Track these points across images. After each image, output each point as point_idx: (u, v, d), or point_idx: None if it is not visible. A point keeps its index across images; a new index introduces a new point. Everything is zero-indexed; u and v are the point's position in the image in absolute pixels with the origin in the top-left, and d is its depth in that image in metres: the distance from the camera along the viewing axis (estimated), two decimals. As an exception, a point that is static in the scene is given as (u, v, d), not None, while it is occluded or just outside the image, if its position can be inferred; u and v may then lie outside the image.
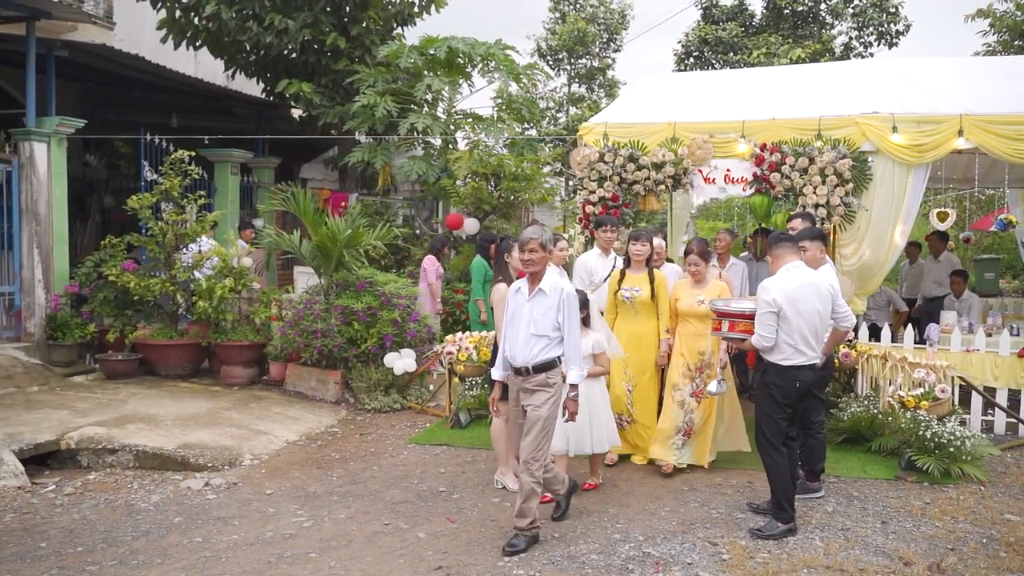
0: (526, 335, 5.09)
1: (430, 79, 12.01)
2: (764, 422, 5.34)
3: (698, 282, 6.51)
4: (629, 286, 6.66)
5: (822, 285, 5.33)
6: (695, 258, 6.50)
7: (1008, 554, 4.94)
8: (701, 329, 6.41)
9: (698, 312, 6.41)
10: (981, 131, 7.60)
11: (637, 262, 6.69)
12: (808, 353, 5.24)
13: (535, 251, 5.04)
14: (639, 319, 6.67)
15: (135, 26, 13.18)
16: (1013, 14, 17.20)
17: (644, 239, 6.65)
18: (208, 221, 9.88)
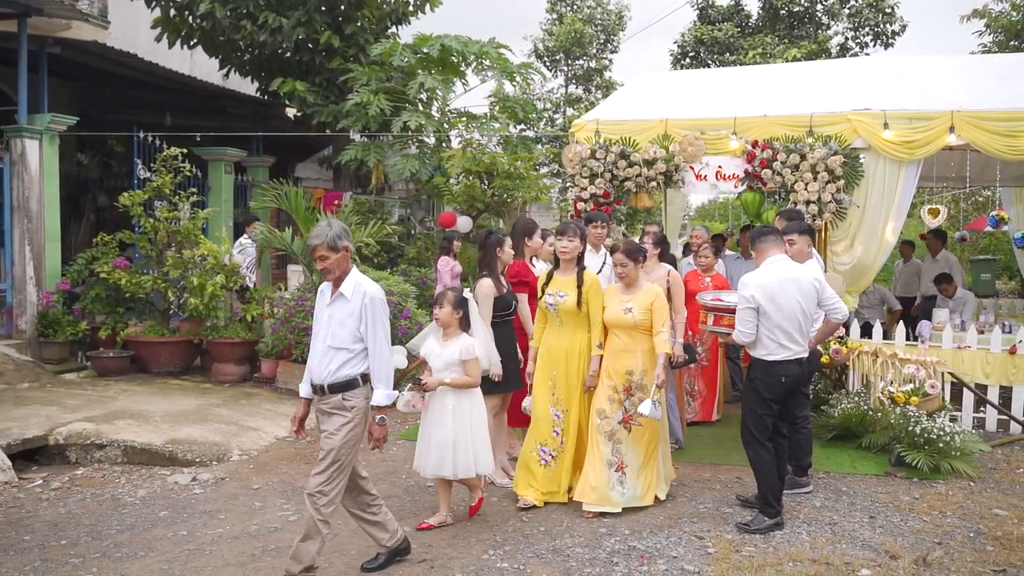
0: (323, 347, 4.33)
1: (423, 77, 12.00)
2: (750, 417, 5.34)
3: (628, 287, 5.60)
4: (554, 290, 5.67)
5: (804, 279, 5.27)
6: (622, 258, 5.55)
7: (995, 548, 4.92)
8: (630, 344, 5.51)
9: (625, 323, 5.50)
10: (973, 127, 7.60)
11: (566, 262, 5.69)
12: (792, 348, 5.20)
13: (324, 257, 4.25)
14: (564, 330, 5.67)
15: (131, 25, 13.16)
16: (1008, 14, 17.22)
17: (572, 233, 5.66)
18: (200, 219, 9.87)
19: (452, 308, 5.18)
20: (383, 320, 4.36)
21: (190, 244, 9.60)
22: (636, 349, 5.50)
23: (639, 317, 5.43)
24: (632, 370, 5.49)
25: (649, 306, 5.46)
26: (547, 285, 5.73)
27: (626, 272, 5.55)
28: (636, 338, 5.48)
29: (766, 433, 5.29)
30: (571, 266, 5.68)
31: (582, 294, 5.57)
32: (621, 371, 5.51)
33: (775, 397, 5.27)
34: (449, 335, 5.21)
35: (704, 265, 7.95)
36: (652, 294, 5.54)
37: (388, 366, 4.34)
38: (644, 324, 5.44)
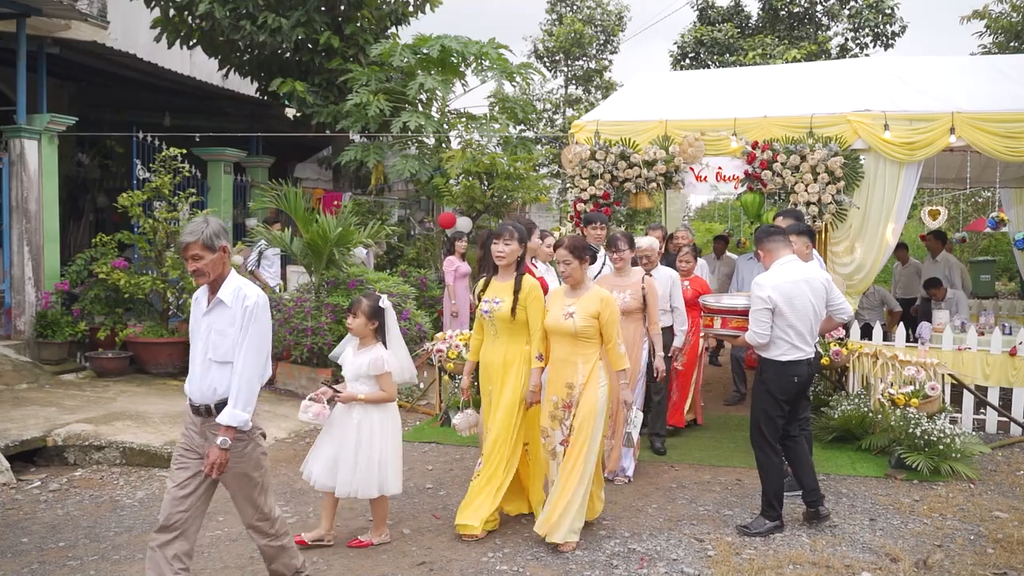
0: (203, 362, 3.83)
1: (423, 78, 11.99)
2: (762, 420, 5.27)
3: (573, 289, 5.07)
4: (490, 297, 5.17)
5: (816, 280, 5.24)
6: (564, 254, 5.02)
7: (995, 550, 4.91)
8: (571, 354, 4.97)
9: (564, 330, 4.94)
10: (973, 129, 7.60)
11: (504, 267, 5.17)
12: (804, 348, 5.17)
13: (198, 256, 3.74)
14: (499, 341, 5.15)
15: (130, 25, 13.16)
16: (1008, 15, 17.21)
17: (508, 236, 5.10)
18: (199, 219, 9.85)
19: (366, 319, 4.86)
20: (261, 330, 3.83)
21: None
22: (577, 359, 4.97)
23: (581, 324, 4.91)
24: (572, 383, 4.96)
25: (595, 313, 4.92)
26: (484, 292, 5.27)
27: (569, 271, 5.02)
28: (578, 347, 4.96)
29: (776, 435, 5.24)
30: (509, 271, 5.17)
31: (518, 300, 5.04)
32: (561, 384, 4.99)
33: (787, 397, 5.21)
34: (363, 345, 4.92)
35: (684, 269, 7.71)
36: (598, 301, 4.95)
37: (251, 384, 3.77)
38: (587, 332, 4.92)
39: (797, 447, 5.37)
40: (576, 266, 5.01)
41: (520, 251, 5.14)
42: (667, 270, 6.93)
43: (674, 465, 6.70)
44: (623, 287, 6.13)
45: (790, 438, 5.37)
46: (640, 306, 6.12)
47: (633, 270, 6.28)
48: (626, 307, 5.98)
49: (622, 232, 6.42)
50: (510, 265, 5.15)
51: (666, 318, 6.75)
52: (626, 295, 6.08)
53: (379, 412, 4.89)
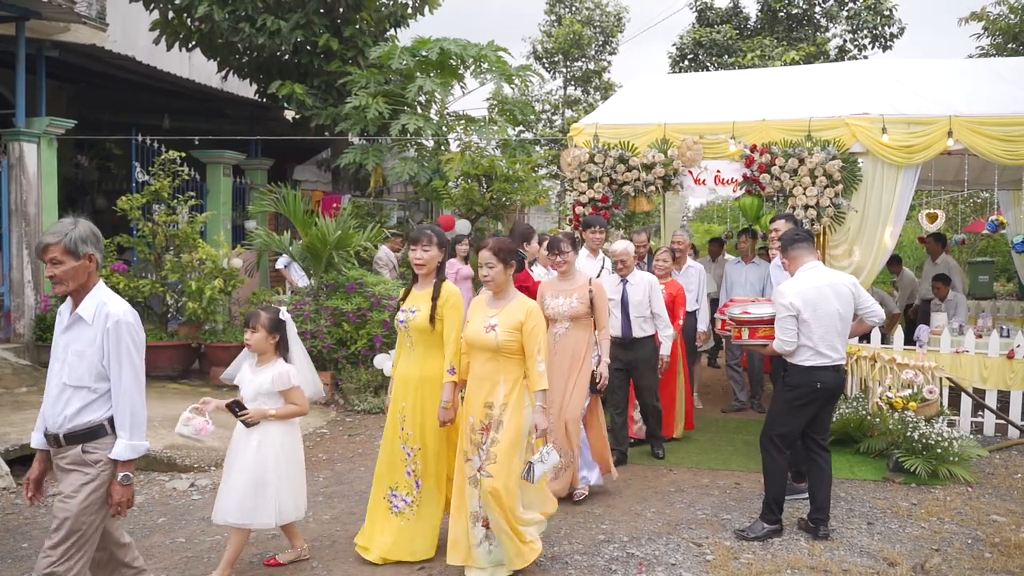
0: (58, 385, 3.42)
1: (422, 80, 12.00)
2: (777, 422, 5.25)
3: (496, 296, 4.63)
4: (407, 306, 4.82)
5: (841, 285, 5.16)
6: (487, 255, 4.55)
7: (993, 555, 4.93)
8: (492, 370, 4.52)
9: (485, 344, 4.50)
10: (971, 132, 7.61)
11: (424, 275, 4.83)
12: (830, 355, 5.08)
13: (57, 261, 3.35)
14: (416, 353, 4.79)
15: (129, 27, 13.18)
16: (1006, 17, 17.23)
17: (427, 242, 4.75)
18: (199, 222, 9.87)
19: (266, 332, 4.53)
20: (132, 350, 3.42)
21: (188, 248, 9.59)
22: (498, 377, 4.50)
23: (503, 337, 4.45)
24: (491, 403, 4.48)
25: (518, 325, 4.46)
26: (402, 301, 4.92)
27: (492, 275, 4.55)
28: (499, 363, 4.50)
29: (787, 440, 5.20)
30: (428, 278, 4.82)
31: (436, 309, 4.67)
32: (479, 404, 4.51)
33: (807, 401, 5.14)
34: (263, 361, 4.57)
35: (660, 272, 7.48)
36: (523, 311, 4.50)
37: (135, 409, 3.42)
38: (510, 347, 4.46)
39: (821, 460, 5.26)
40: (500, 270, 4.55)
41: (440, 257, 4.82)
42: (644, 275, 6.81)
43: (672, 469, 6.71)
44: (568, 291, 5.80)
45: (816, 451, 5.27)
46: (587, 311, 5.75)
47: (579, 273, 5.94)
48: (573, 312, 5.71)
49: (565, 233, 6.12)
50: (430, 273, 4.81)
51: (648, 325, 6.68)
52: (572, 299, 5.75)
53: (280, 432, 4.52)
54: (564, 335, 5.77)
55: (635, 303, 6.62)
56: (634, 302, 6.62)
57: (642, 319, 6.64)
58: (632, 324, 6.63)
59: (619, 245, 6.69)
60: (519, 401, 4.48)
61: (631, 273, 6.67)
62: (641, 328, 6.66)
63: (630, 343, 6.64)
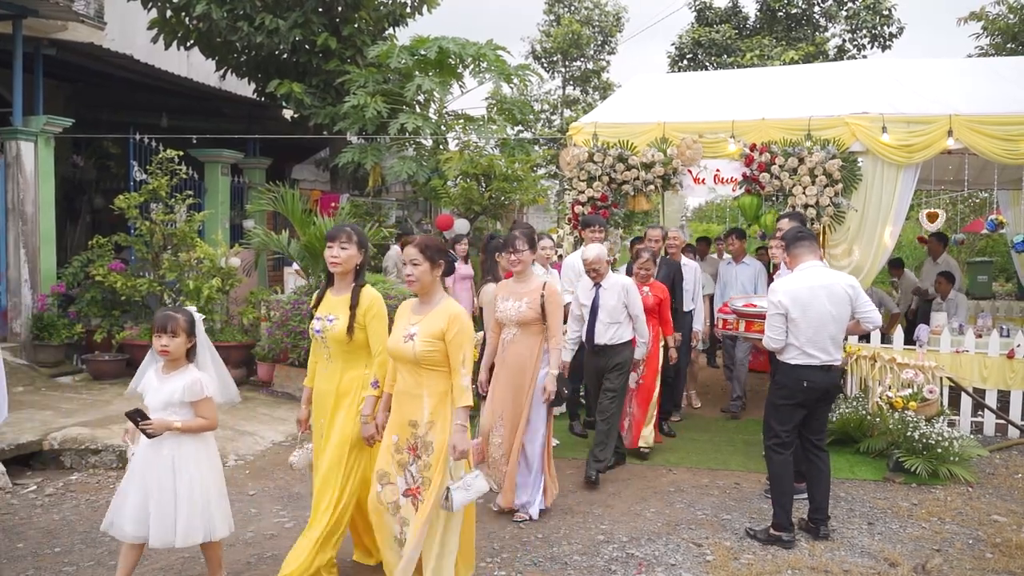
0: None
1: (421, 79, 11.97)
2: (770, 423, 5.24)
3: (421, 301, 4.18)
4: (323, 313, 4.33)
5: (837, 287, 5.09)
6: (413, 253, 4.09)
7: (994, 555, 4.91)
8: (414, 384, 4.07)
9: (404, 355, 4.05)
10: (970, 131, 7.59)
11: (339, 275, 4.37)
12: (819, 356, 5.03)
13: None
14: (334, 366, 4.33)
15: (127, 26, 13.14)
16: (1005, 16, 17.22)
17: (345, 239, 4.29)
18: (196, 221, 9.84)
19: (186, 336, 4.14)
20: None
21: (186, 247, 9.56)
22: (421, 392, 4.05)
23: (421, 348, 3.99)
24: (416, 420, 4.06)
25: (439, 333, 3.99)
26: (315, 307, 4.43)
27: (417, 274, 4.07)
28: (422, 376, 4.04)
29: (782, 441, 5.16)
30: (345, 281, 4.36)
31: (355, 317, 4.23)
32: (403, 422, 4.09)
33: (795, 401, 5.10)
34: (173, 368, 4.15)
35: (643, 275, 7.01)
36: (445, 317, 4.01)
37: None
38: (431, 358, 4.00)
39: (818, 461, 5.23)
40: (426, 269, 4.06)
41: (360, 258, 4.34)
42: (619, 277, 6.39)
43: (672, 469, 6.69)
44: (520, 295, 5.38)
45: (813, 451, 5.25)
46: (538, 316, 5.34)
47: (534, 275, 5.56)
48: (521, 318, 5.33)
49: (521, 230, 5.63)
50: (347, 273, 4.34)
51: (623, 331, 6.22)
52: (522, 304, 5.35)
53: (194, 444, 4.13)
54: (512, 342, 5.42)
55: (608, 308, 6.18)
56: (607, 307, 6.18)
57: (616, 325, 6.18)
58: (598, 329, 6.19)
59: (591, 251, 6.27)
60: (446, 418, 4.02)
61: (605, 278, 6.27)
62: (612, 335, 6.19)
63: (600, 349, 6.24)
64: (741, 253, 8.85)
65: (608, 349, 6.23)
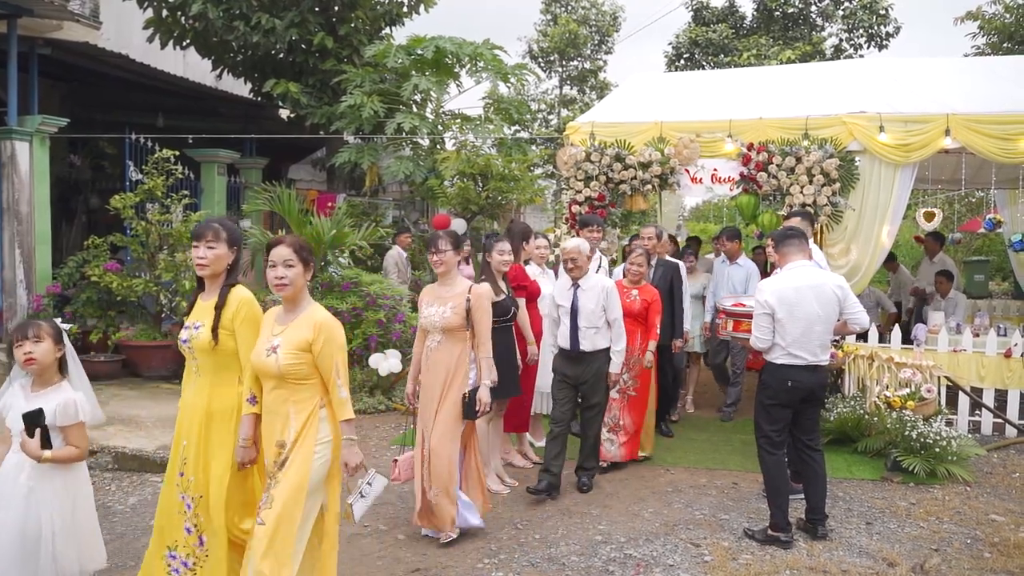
0: None
1: (417, 79, 11.95)
2: (758, 423, 5.24)
3: (287, 309, 3.76)
4: (192, 320, 3.86)
5: (825, 287, 5.06)
6: (288, 254, 3.68)
7: (992, 554, 4.90)
8: (280, 402, 3.66)
9: (267, 369, 3.65)
10: (968, 131, 7.59)
11: (208, 278, 3.88)
12: (804, 356, 5.00)
13: None
14: (201, 380, 3.84)
15: (123, 25, 13.10)
16: (1002, 16, 17.23)
17: (212, 236, 3.80)
18: (193, 221, 9.81)
19: (53, 343, 3.66)
20: None
21: (182, 247, 9.53)
22: (287, 410, 3.65)
23: (284, 360, 3.60)
24: (283, 441, 3.64)
25: (305, 344, 3.62)
26: (187, 314, 3.97)
27: (290, 278, 3.65)
28: (288, 392, 3.65)
29: (772, 441, 5.16)
30: (216, 284, 3.87)
31: (220, 319, 3.74)
32: (271, 442, 3.69)
33: (780, 401, 5.09)
34: (43, 384, 3.67)
35: (634, 276, 6.61)
36: (310, 326, 3.64)
37: None
38: (297, 371, 3.61)
39: (812, 461, 5.21)
40: (299, 272, 3.68)
41: (231, 258, 3.87)
42: (599, 278, 6.00)
43: (669, 469, 6.68)
44: (444, 299, 5.09)
45: (806, 451, 5.23)
46: (463, 323, 5.01)
47: (460, 278, 5.19)
48: (445, 323, 5.03)
49: (446, 230, 5.36)
50: (217, 275, 3.86)
51: (600, 337, 5.85)
52: (446, 308, 5.04)
53: (63, 475, 3.62)
54: (435, 349, 5.11)
55: (587, 312, 5.80)
56: (586, 310, 5.80)
57: (594, 330, 5.81)
58: (581, 335, 5.81)
59: (571, 242, 5.98)
60: (310, 439, 3.62)
61: (585, 277, 5.88)
62: (592, 341, 5.82)
63: (578, 357, 5.85)
64: (735, 253, 8.51)
65: (587, 356, 5.84)
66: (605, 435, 6.44)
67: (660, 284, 7.20)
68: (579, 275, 5.86)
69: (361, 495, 3.90)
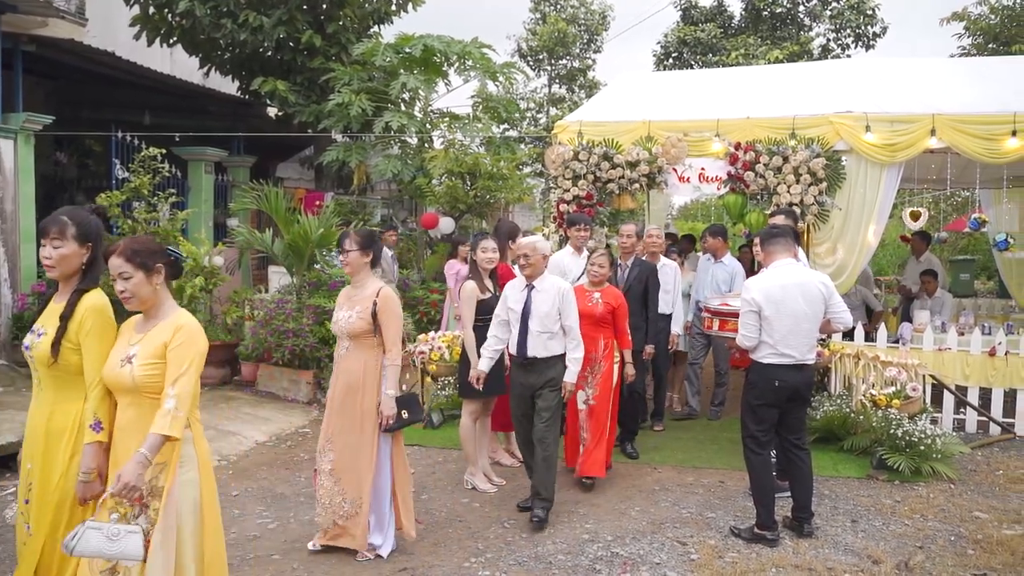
0: None
1: (406, 77, 11.95)
2: (745, 421, 5.25)
3: (146, 316, 3.33)
4: (38, 325, 3.42)
5: (810, 284, 5.07)
6: (121, 264, 3.23)
7: (975, 551, 4.93)
8: (135, 420, 3.19)
9: (121, 382, 3.21)
10: (953, 131, 7.63)
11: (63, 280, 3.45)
12: (791, 355, 5.02)
13: None
14: (44, 396, 3.39)
15: (109, 22, 13.03)
16: (987, 17, 17.34)
17: (57, 233, 3.38)
18: (180, 220, 9.77)
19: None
20: None
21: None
22: (144, 428, 3.12)
23: (142, 372, 3.18)
24: None
25: (159, 351, 3.21)
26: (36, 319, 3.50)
27: (130, 290, 3.23)
28: (144, 409, 3.18)
29: (757, 440, 5.17)
30: (70, 286, 3.42)
31: (66, 331, 3.29)
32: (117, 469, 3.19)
33: (766, 400, 5.10)
34: None
35: (596, 277, 6.10)
36: (171, 329, 3.22)
37: None
38: (153, 383, 3.17)
39: (798, 460, 5.22)
40: (139, 280, 3.23)
41: (84, 255, 3.41)
42: (554, 280, 5.50)
43: (656, 467, 6.69)
44: (353, 302, 4.79)
45: (793, 451, 5.24)
46: (370, 327, 4.70)
47: (371, 280, 4.84)
48: (351, 329, 4.72)
49: (360, 230, 5.07)
50: (69, 276, 3.40)
51: (556, 343, 5.40)
52: (352, 313, 4.74)
53: None
54: (344, 357, 4.83)
55: (540, 315, 5.34)
56: (539, 313, 5.35)
57: (547, 335, 5.36)
58: (530, 340, 5.36)
59: (527, 239, 5.57)
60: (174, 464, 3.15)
61: (540, 277, 5.44)
62: (546, 346, 5.38)
63: (528, 364, 5.41)
64: (719, 251, 8.29)
65: (540, 363, 5.39)
66: None
67: (635, 285, 6.89)
68: (533, 274, 5.40)
69: (106, 535, 2.99)
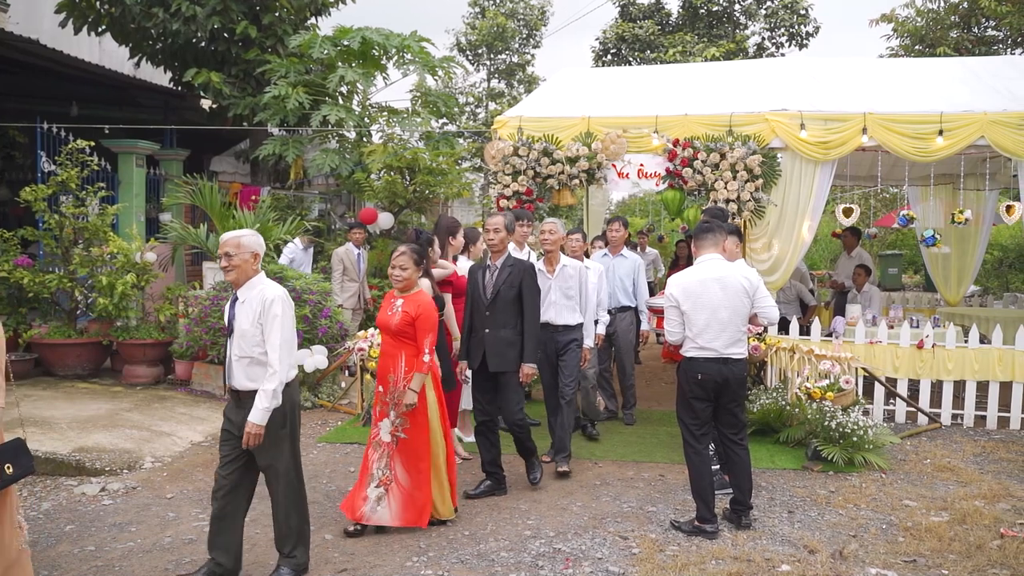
0: None
1: (344, 70, 11.78)
2: (679, 415, 5.33)
3: None
4: None
5: (730, 279, 5.15)
6: None
7: (906, 539, 5.07)
8: None
9: None
10: (884, 129, 7.83)
11: None
12: (712, 347, 5.09)
13: None
14: None
15: (33, 9, 12.56)
16: (914, 19, 17.84)
17: None
18: (109, 214, 9.48)
19: None
20: None
21: (98, 241, 9.20)
22: None
23: None
24: None
25: None
26: None
27: None
28: None
29: (693, 433, 5.22)
30: None
31: None
32: None
33: (696, 395, 5.17)
34: None
35: (396, 280, 5.17)
36: None
37: None
38: None
39: (734, 455, 5.30)
40: None
41: None
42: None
43: (597, 462, 6.73)
44: None
45: (730, 446, 5.31)
46: None
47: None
48: None
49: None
50: None
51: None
52: None
53: None
54: None
55: (563, 289, 6.46)
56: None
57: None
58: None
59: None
60: None
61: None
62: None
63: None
64: (618, 244, 8.00)
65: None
66: (373, 489, 5.13)
67: (505, 290, 5.73)
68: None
69: None
